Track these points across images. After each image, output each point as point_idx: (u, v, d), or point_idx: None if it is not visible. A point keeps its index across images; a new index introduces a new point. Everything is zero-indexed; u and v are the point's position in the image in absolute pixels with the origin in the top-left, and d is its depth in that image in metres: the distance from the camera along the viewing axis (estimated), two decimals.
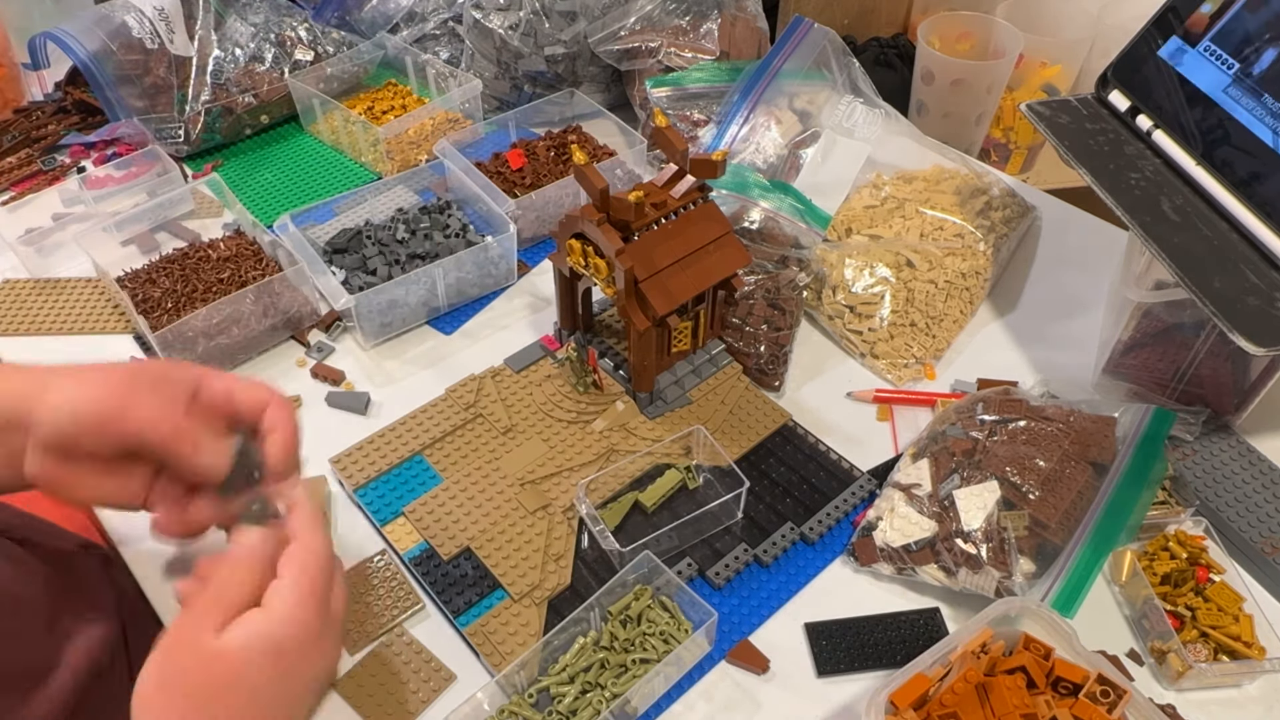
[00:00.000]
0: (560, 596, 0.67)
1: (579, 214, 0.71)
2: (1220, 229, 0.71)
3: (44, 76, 1.12)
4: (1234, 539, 0.71)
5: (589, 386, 0.79)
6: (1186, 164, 0.75)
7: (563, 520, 0.71)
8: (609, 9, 1.08)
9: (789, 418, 0.79)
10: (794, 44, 1.01)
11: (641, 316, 0.72)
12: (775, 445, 0.77)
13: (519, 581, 0.67)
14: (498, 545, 0.69)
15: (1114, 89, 0.82)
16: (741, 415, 0.79)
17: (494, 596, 0.67)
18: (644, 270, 0.70)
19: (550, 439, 0.76)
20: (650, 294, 0.71)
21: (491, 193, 0.93)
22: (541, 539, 0.69)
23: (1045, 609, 0.60)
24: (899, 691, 0.55)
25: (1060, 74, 1.34)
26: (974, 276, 0.89)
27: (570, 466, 0.74)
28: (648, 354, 0.75)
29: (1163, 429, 0.72)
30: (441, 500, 0.72)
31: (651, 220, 0.72)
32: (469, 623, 0.65)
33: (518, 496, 0.72)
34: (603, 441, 0.76)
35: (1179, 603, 0.66)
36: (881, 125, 0.99)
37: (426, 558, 0.69)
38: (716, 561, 0.69)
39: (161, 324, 0.78)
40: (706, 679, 0.64)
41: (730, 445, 0.76)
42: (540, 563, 0.68)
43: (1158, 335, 0.79)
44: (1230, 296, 0.65)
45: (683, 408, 0.79)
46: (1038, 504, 0.66)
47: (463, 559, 0.69)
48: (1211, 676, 0.63)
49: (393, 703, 0.62)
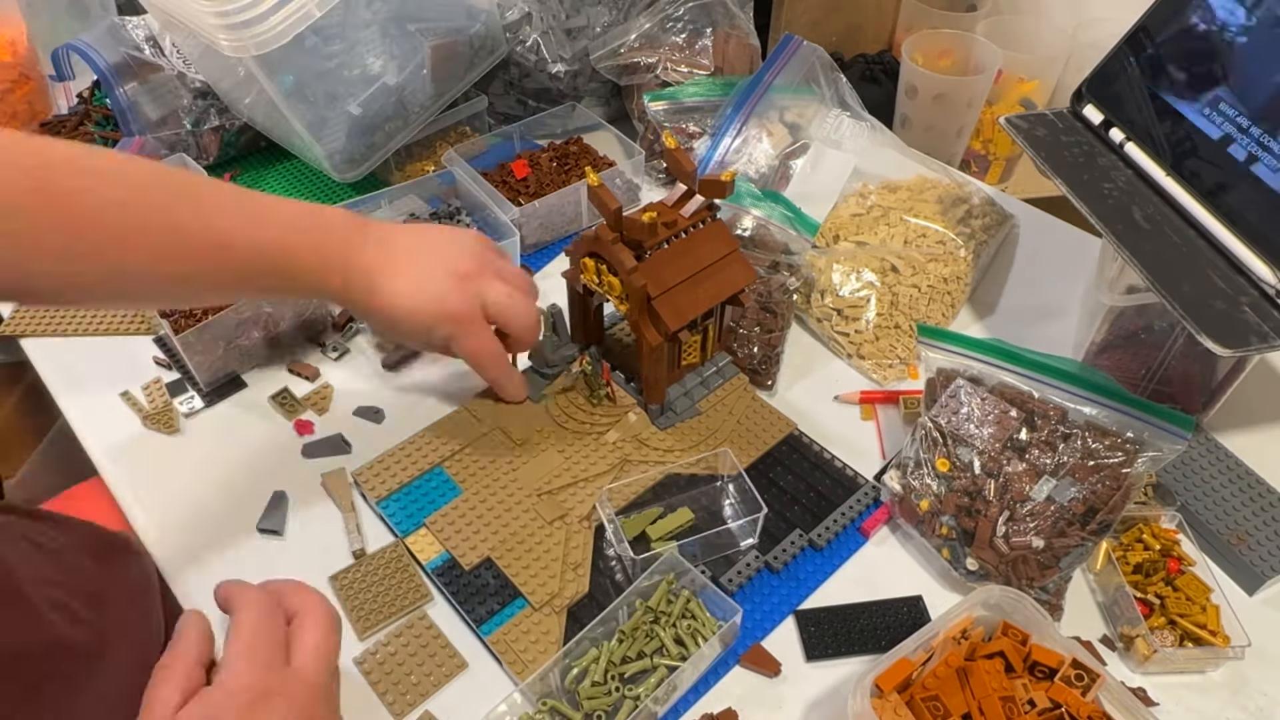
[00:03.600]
0: (579, 604, 0.66)
1: (594, 234, 0.70)
2: (1189, 236, 0.71)
3: (69, 88, 1.11)
4: (1203, 532, 0.72)
5: (602, 399, 0.78)
6: (1157, 175, 0.75)
7: (580, 529, 0.70)
8: (609, 27, 1.08)
9: (794, 427, 0.78)
10: (784, 60, 1.01)
11: (654, 332, 0.71)
12: (782, 454, 0.77)
13: (539, 590, 0.66)
14: (517, 555, 0.68)
15: (1088, 103, 0.83)
16: (749, 425, 0.78)
17: (514, 605, 0.66)
18: (656, 288, 0.70)
19: (565, 450, 0.75)
20: (662, 310, 0.70)
21: (497, 200, 0.93)
22: (560, 548, 0.69)
23: (1025, 599, 0.60)
24: (884, 675, 0.56)
25: (1037, 89, 1.34)
26: (955, 281, 0.89)
27: (585, 477, 0.73)
28: (659, 368, 0.74)
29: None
30: (462, 511, 0.71)
31: (663, 239, 0.71)
32: (491, 631, 0.64)
33: (535, 507, 0.71)
34: (616, 452, 0.75)
35: (1149, 591, 0.66)
36: (867, 137, 0.99)
37: (449, 568, 0.68)
38: (729, 569, 0.69)
39: (183, 327, 0.78)
40: (722, 683, 0.64)
41: (740, 454, 0.75)
42: (559, 571, 0.67)
43: (1129, 337, 0.79)
44: (1198, 300, 0.65)
45: (692, 419, 0.78)
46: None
47: (483, 569, 0.68)
48: (1176, 662, 0.63)
49: (408, 683, 0.62)
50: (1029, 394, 0.71)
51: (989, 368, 0.73)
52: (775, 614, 0.67)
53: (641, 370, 0.76)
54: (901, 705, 0.55)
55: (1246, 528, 0.72)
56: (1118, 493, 0.65)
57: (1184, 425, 0.67)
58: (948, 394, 0.72)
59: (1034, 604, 0.59)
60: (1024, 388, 0.71)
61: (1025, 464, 0.67)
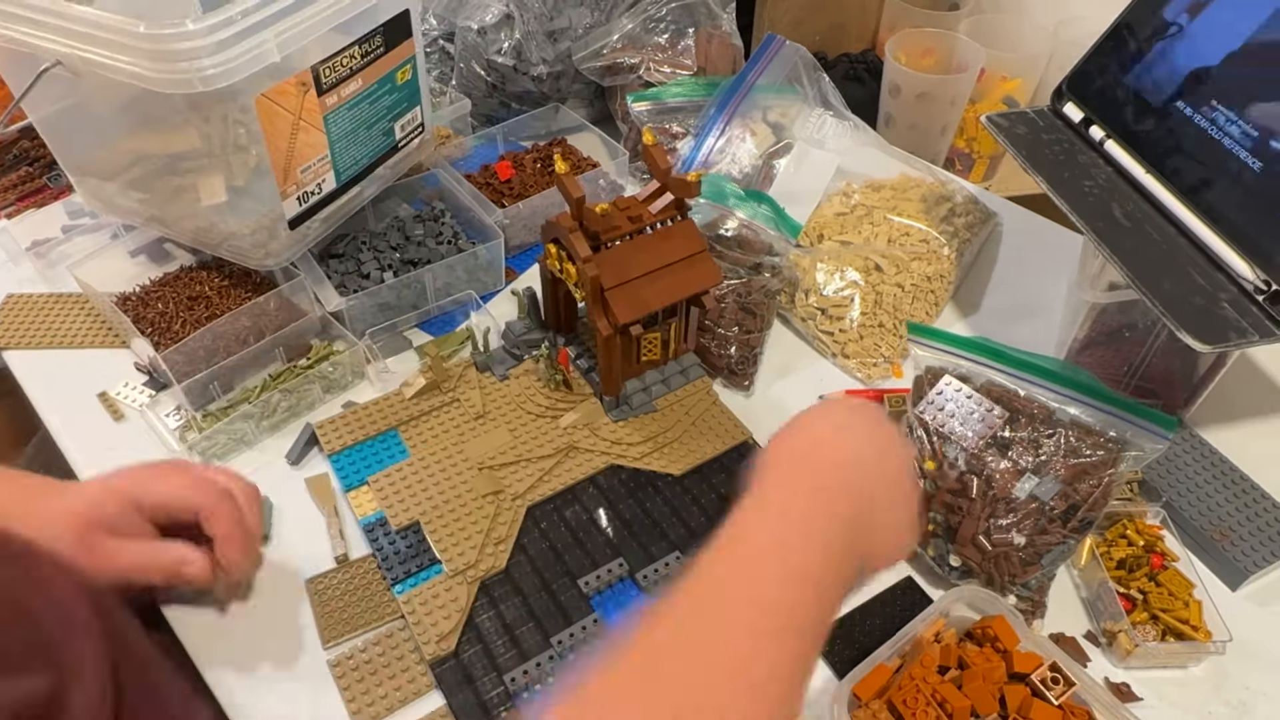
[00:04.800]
0: (494, 579, 0.67)
1: (557, 220, 0.71)
2: (1168, 233, 0.71)
3: None
4: (1187, 528, 0.72)
5: (558, 384, 0.79)
6: (1136, 172, 0.75)
7: (510, 507, 0.71)
8: (592, 28, 1.08)
9: (749, 436, 0.77)
10: (767, 60, 1.01)
11: (605, 322, 0.72)
12: (729, 460, 0.76)
13: (456, 559, 0.67)
14: (445, 523, 0.70)
15: (1068, 101, 0.83)
16: (702, 428, 0.78)
17: (431, 570, 0.67)
18: (611, 279, 0.70)
19: (517, 430, 0.77)
20: (614, 302, 0.71)
21: (481, 202, 0.92)
22: (487, 521, 0.70)
23: (999, 600, 0.60)
24: (862, 684, 0.55)
25: (1020, 87, 1.34)
26: (939, 279, 0.89)
27: (530, 457, 0.75)
28: (613, 359, 0.75)
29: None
30: (404, 474, 0.73)
31: (625, 232, 0.72)
32: (403, 592, 0.66)
33: (474, 480, 0.73)
34: (565, 437, 0.76)
35: (1132, 586, 0.66)
36: (851, 137, 0.99)
37: (378, 525, 0.70)
38: (647, 565, 0.68)
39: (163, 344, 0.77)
40: None
41: (685, 455, 0.75)
42: (480, 544, 0.68)
43: (1111, 334, 0.79)
44: (1177, 297, 0.65)
45: (647, 414, 0.78)
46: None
47: (410, 531, 0.70)
48: (1158, 656, 0.63)
49: (375, 694, 0.62)
50: (1015, 392, 0.71)
51: (977, 366, 0.73)
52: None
53: (598, 360, 0.76)
54: (883, 709, 0.54)
55: (1230, 523, 0.72)
56: (1098, 490, 0.65)
57: (1166, 425, 0.67)
58: (935, 391, 0.72)
59: (1008, 605, 0.59)
60: (1010, 386, 0.72)
61: (1009, 462, 0.67)
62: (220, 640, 0.64)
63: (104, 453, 0.77)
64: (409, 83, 0.88)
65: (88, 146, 0.87)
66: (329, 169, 0.83)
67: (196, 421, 0.76)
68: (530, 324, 0.82)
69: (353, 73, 0.79)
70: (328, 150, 0.81)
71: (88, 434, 0.79)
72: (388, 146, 0.90)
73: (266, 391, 0.78)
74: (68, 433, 0.79)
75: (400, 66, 0.85)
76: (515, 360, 0.82)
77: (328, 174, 0.83)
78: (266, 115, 0.73)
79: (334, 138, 0.81)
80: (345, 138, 0.83)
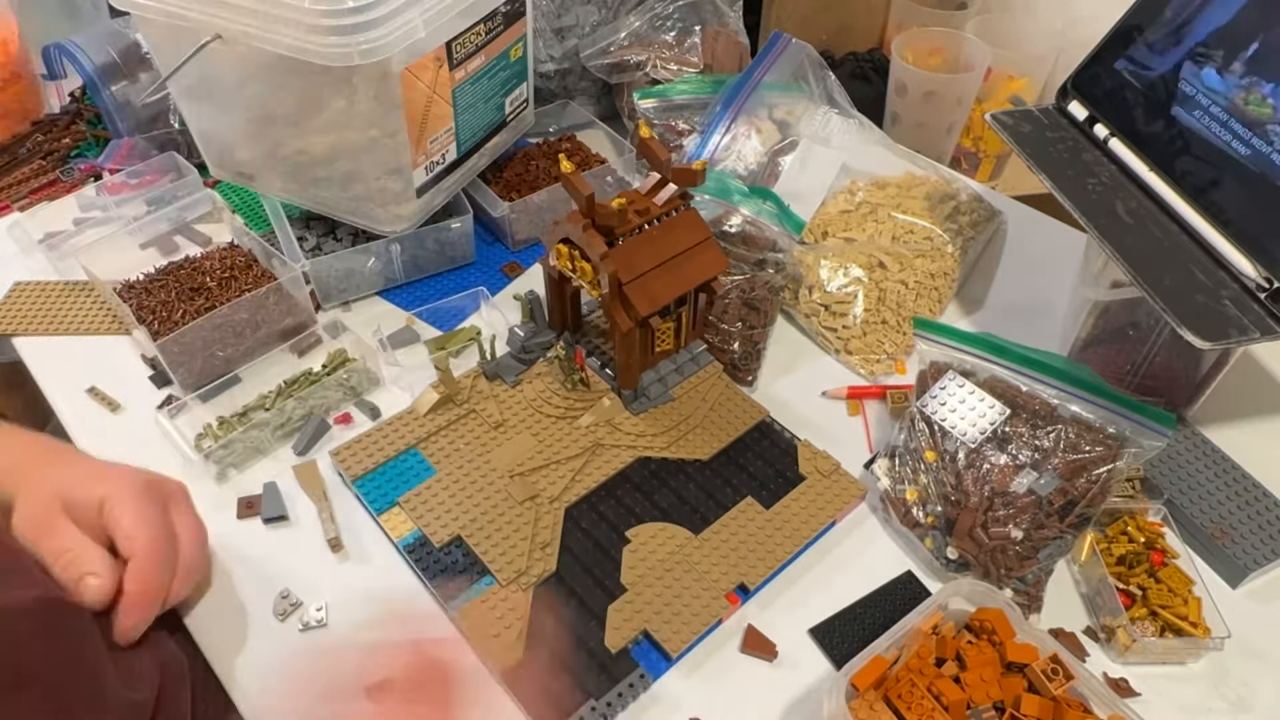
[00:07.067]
0: (546, 582, 0.67)
1: (566, 220, 0.71)
2: (1171, 231, 0.71)
3: (61, 87, 1.11)
4: (1187, 525, 0.72)
5: (576, 384, 0.79)
6: (1140, 170, 0.75)
7: (550, 510, 0.71)
8: (599, 26, 1.08)
9: (766, 414, 0.79)
10: (774, 58, 1.01)
11: (625, 318, 0.72)
12: (752, 440, 0.77)
13: (506, 568, 0.67)
14: (487, 534, 0.69)
15: (1073, 100, 0.83)
16: (721, 411, 0.79)
17: (483, 582, 0.66)
18: (627, 274, 0.70)
19: (539, 434, 0.76)
20: (633, 296, 0.71)
21: (488, 197, 0.93)
22: (529, 527, 0.69)
23: (996, 592, 0.60)
24: (859, 674, 0.56)
25: (1027, 86, 1.34)
26: (942, 277, 0.89)
27: (558, 459, 0.74)
28: (632, 353, 0.75)
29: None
30: (435, 491, 0.72)
31: (635, 226, 0.72)
32: (458, 607, 0.65)
33: (507, 488, 0.72)
34: (589, 436, 0.76)
35: (1132, 583, 0.66)
36: (856, 134, 0.99)
37: (419, 545, 0.69)
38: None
39: (162, 333, 0.78)
40: (721, 669, 0.64)
41: (710, 440, 0.76)
42: (528, 550, 0.68)
43: (1115, 332, 0.79)
44: (1179, 294, 0.65)
45: (665, 404, 0.79)
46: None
47: (453, 546, 0.69)
48: (1156, 652, 0.63)
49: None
50: (1017, 388, 0.71)
51: (981, 361, 0.73)
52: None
53: (615, 355, 0.76)
54: (879, 701, 0.55)
55: (1230, 521, 0.72)
56: (1096, 486, 0.65)
57: (1166, 422, 0.67)
58: (938, 385, 0.72)
59: (1005, 598, 0.60)
60: (1013, 382, 0.72)
61: (1008, 456, 0.67)
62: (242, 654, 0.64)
63: (101, 441, 0.78)
64: (520, 60, 0.93)
65: (224, 116, 0.90)
66: (452, 140, 0.87)
67: (212, 430, 0.76)
68: (535, 327, 0.82)
69: (477, 49, 0.84)
70: (453, 122, 0.86)
71: (90, 422, 0.79)
72: (499, 121, 0.95)
73: (281, 399, 0.78)
74: (74, 419, 0.80)
75: (514, 44, 0.90)
76: (524, 365, 0.81)
77: (451, 145, 0.88)
78: (407, 88, 0.77)
79: (459, 110, 0.86)
80: (467, 110, 0.88)
